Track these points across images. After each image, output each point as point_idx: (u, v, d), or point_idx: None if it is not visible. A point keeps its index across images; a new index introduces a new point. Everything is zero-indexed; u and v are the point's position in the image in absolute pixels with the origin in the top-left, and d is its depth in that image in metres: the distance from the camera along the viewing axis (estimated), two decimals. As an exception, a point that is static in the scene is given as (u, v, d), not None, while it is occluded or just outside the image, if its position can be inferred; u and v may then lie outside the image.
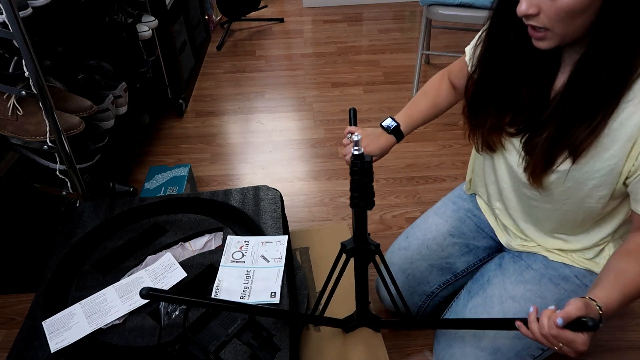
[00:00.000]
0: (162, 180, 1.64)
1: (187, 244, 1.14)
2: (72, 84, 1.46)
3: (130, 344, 0.91)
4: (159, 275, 1.02)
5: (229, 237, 1.11)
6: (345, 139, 1.05)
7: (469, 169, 1.14)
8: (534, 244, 1.02)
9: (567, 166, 0.81)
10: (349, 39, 2.96)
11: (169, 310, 0.97)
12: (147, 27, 1.86)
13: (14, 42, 1.08)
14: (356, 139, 0.73)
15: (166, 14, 2.07)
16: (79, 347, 0.91)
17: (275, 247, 1.08)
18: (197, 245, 1.14)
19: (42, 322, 0.95)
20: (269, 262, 1.05)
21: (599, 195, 0.84)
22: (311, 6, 3.44)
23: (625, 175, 0.79)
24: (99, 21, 1.67)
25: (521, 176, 0.90)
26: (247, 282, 1.01)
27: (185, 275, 1.02)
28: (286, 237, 1.11)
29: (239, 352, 0.89)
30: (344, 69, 2.63)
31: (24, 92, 1.17)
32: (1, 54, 1.26)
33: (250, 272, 1.03)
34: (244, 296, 0.98)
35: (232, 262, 1.05)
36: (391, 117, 1.08)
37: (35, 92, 1.16)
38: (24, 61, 1.11)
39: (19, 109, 1.23)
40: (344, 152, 1.04)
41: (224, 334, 0.92)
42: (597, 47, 0.71)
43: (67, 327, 0.93)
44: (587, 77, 0.74)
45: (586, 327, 0.68)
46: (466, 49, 1.02)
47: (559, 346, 0.72)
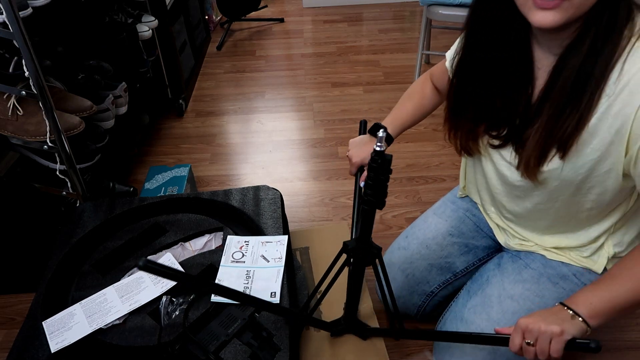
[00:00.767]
0: (162, 180, 1.64)
1: (187, 244, 1.14)
2: (72, 84, 1.46)
3: (130, 344, 0.91)
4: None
5: (229, 237, 1.12)
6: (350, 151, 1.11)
7: (461, 176, 1.15)
8: (532, 243, 1.02)
9: (557, 163, 0.81)
10: (349, 39, 2.96)
11: (169, 310, 0.97)
12: (147, 27, 1.86)
13: (14, 42, 1.09)
14: (381, 134, 0.71)
15: (166, 14, 2.07)
16: (79, 347, 0.91)
17: (275, 247, 1.09)
18: (197, 245, 1.14)
19: (42, 322, 0.95)
20: (269, 262, 1.05)
21: (590, 191, 0.84)
22: (311, 6, 3.44)
23: (621, 168, 0.78)
24: (99, 21, 1.67)
25: (512, 180, 0.91)
26: (247, 282, 1.01)
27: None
28: (286, 237, 1.11)
29: (239, 352, 0.89)
30: (344, 69, 2.63)
31: (24, 92, 1.17)
32: (1, 54, 1.26)
33: (250, 272, 1.03)
34: (243, 296, 0.98)
35: (232, 262, 1.06)
36: (377, 122, 1.10)
37: (35, 92, 1.16)
38: (24, 61, 1.11)
39: (19, 109, 1.23)
40: (350, 171, 1.13)
41: (224, 334, 0.92)
42: (588, 32, 0.72)
43: (67, 327, 0.93)
44: (576, 61, 0.74)
45: (586, 349, 0.72)
46: (447, 53, 1.02)
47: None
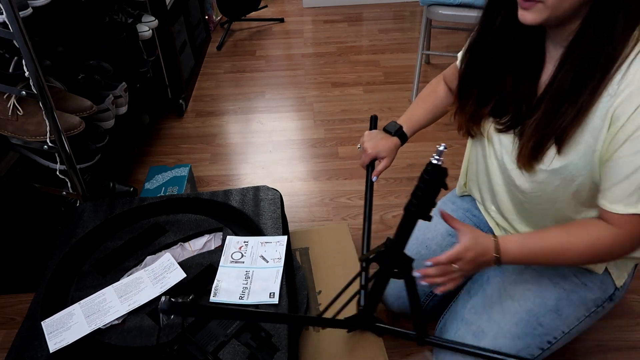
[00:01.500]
0: (162, 180, 1.64)
1: (186, 244, 1.14)
2: (72, 84, 1.46)
3: (129, 344, 0.91)
4: (158, 275, 1.02)
5: (228, 237, 1.11)
6: (363, 142, 1.14)
7: (462, 172, 1.15)
8: None
9: (553, 158, 0.81)
10: (349, 39, 2.96)
11: (168, 310, 0.97)
12: (147, 27, 1.86)
13: (14, 42, 1.08)
14: (440, 148, 0.71)
15: (166, 14, 2.07)
16: (78, 347, 0.91)
17: (274, 247, 1.08)
18: (197, 245, 1.14)
19: (42, 322, 0.95)
20: (268, 262, 1.05)
21: (591, 190, 0.83)
22: (311, 6, 3.44)
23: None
24: (99, 21, 1.67)
25: (514, 177, 0.91)
26: (246, 282, 1.01)
27: (184, 275, 1.02)
28: (285, 238, 1.11)
29: (237, 352, 0.89)
30: (344, 69, 2.63)
31: (24, 92, 1.17)
32: (1, 54, 1.26)
33: (249, 273, 1.03)
34: (242, 296, 0.98)
35: (232, 262, 1.05)
36: (393, 121, 1.13)
37: (35, 92, 1.16)
38: (24, 61, 1.11)
39: (19, 109, 1.23)
40: (361, 161, 1.15)
41: (222, 335, 0.92)
42: (589, 26, 0.72)
43: (66, 327, 0.93)
44: (577, 56, 0.74)
45: None
46: (458, 54, 1.02)
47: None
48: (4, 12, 1.04)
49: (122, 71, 1.69)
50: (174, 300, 0.70)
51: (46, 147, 1.27)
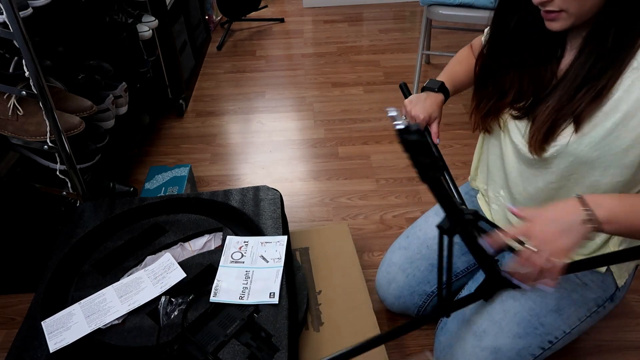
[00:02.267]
0: (162, 180, 1.64)
1: (186, 244, 1.14)
2: (73, 84, 1.46)
3: (129, 344, 0.91)
4: (158, 275, 1.02)
5: (228, 237, 1.11)
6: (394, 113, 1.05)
7: (475, 157, 1.14)
8: None
9: (568, 137, 0.80)
10: (350, 39, 2.96)
11: (168, 310, 0.97)
12: (147, 27, 1.86)
13: (14, 42, 1.08)
14: (393, 113, 0.67)
15: (166, 14, 2.07)
16: (78, 347, 0.91)
17: (274, 247, 1.08)
18: (197, 245, 1.14)
19: (42, 322, 0.95)
20: (268, 262, 1.05)
21: (605, 171, 0.81)
22: (311, 6, 3.44)
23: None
24: (99, 21, 1.67)
25: (525, 152, 0.90)
26: (246, 282, 1.01)
27: (184, 275, 1.02)
28: (285, 238, 1.11)
29: (237, 352, 0.89)
30: (344, 69, 2.63)
31: (24, 92, 1.17)
32: (1, 54, 1.26)
33: (249, 273, 1.03)
34: (243, 296, 0.98)
35: (232, 262, 1.05)
36: (432, 78, 1.06)
37: (35, 92, 1.16)
38: (24, 61, 1.11)
39: (19, 109, 1.23)
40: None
41: (222, 335, 0.91)
42: (610, 10, 0.72)
43: (66, 327, 0.93)
44: (596, 41, 0.75)
45: None
46: (485, 30, 1.02)
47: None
48: (4, 12, 1.04)
49: (122, 71, 1.69)
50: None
51: (46, 147, 1.26)
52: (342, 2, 3.41)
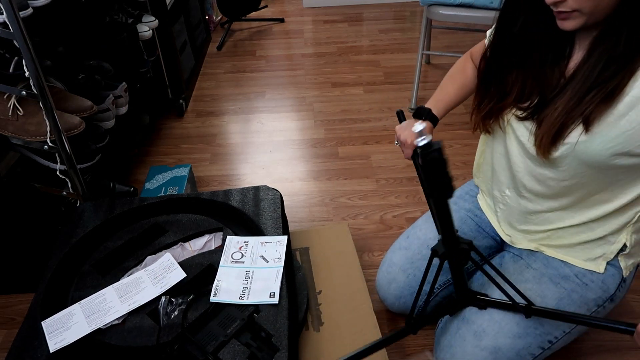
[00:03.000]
0: (162, 180, 1.64)
1: (186, 244, 1.14)
2: (73, 84, 1.46)
3: (129, 344, 0.91)
4: (158, 275, 1.02)
5: (228, 237, 1.11)
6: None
7: (477, 155, 1.13)
8: (538, 237, 1.01)
9: (577, 137, 0.80)
10: (350, 39, 2.96)
11: (168, 310, 0.97)
12: (147, 27, 1.86)
13: (15, 42, 1.08)
14: (419, 128, 0.67)
15: (166, 14, 2.07)
16: (78, 347, 0.91)
17: (274, 247, 1.08)
18: (197, 245, 1.14)
19: (42, 322, 0.95)
20: (268, 262, 1.05)
21: (620, 166, 0.80)
22: (311, 6, 3.44)
23: None
24: (99, 21, 1.67)
25: (533, 152, 0.89)
26: (246, 282, 1.01)
27: (184, 275, 1.02)
28: (285, 238, 1.11)
29: (237, 352, 0.89)
30: (344, 69, 2.63)
31: (24, 92, 1.17)
32: (1, 54, 1.26)
33: (249, 273, 1.03)
34: (243, 296, 0.98)
35: (232, 262, 1.05)
36: (421, 105, 1.09)
37: (35, 92, 1.16)
38: (24, 61, 1.11)
39: (20, 109, 1.23)
40: (405, 155, 1.06)
41: (222, 335, 0.92)
42: (624, 10, 0.71)
43: (66, 327, 0.93)
44: (607, 43, 0.74)
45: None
46: (487, 32, 1.02)
47: None
48: (4, 12, 1.04)
49: (122, 71, 1.69)
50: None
51: (46, 147, 1.27)
52: (342, 2, 3.41)
